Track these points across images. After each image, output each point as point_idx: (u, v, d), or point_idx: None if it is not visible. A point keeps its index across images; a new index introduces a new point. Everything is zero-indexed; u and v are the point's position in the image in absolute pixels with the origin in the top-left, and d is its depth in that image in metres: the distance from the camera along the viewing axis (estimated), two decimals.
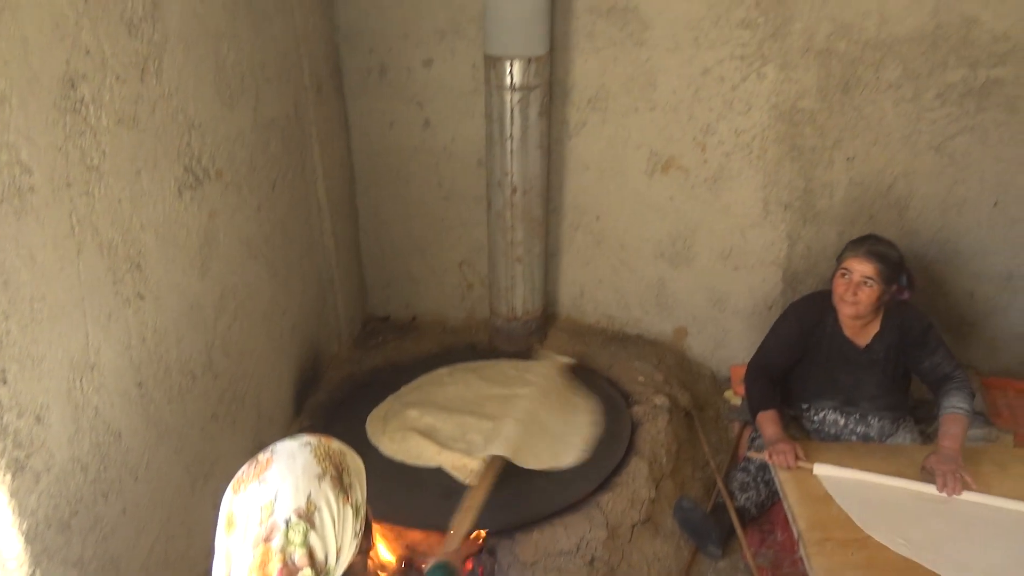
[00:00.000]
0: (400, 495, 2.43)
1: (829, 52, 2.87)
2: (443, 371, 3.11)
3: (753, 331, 3.38)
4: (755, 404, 2.68)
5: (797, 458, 2.45)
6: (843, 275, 2.56)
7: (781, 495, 2.46)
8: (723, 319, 3.40)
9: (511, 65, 2.76)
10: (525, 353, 3.25)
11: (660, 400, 2.95)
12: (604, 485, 2.51)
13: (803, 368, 2.78)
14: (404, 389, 3.00)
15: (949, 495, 2.33)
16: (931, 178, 3.03)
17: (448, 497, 2.26)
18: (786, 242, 3.20)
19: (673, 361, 3.36)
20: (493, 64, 2.80)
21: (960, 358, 3.25)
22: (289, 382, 2.82)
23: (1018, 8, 2.71)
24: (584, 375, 3.09)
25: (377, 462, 2.55)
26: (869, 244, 2.54)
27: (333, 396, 2.99)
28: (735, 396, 3.31)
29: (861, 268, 2.52)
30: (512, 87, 2.79)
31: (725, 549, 2.58)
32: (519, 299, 3.20)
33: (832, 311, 2.67)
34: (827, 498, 2.38)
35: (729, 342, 3.44)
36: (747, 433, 3.01)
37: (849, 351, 2.68)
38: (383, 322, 3.61)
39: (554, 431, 2.69)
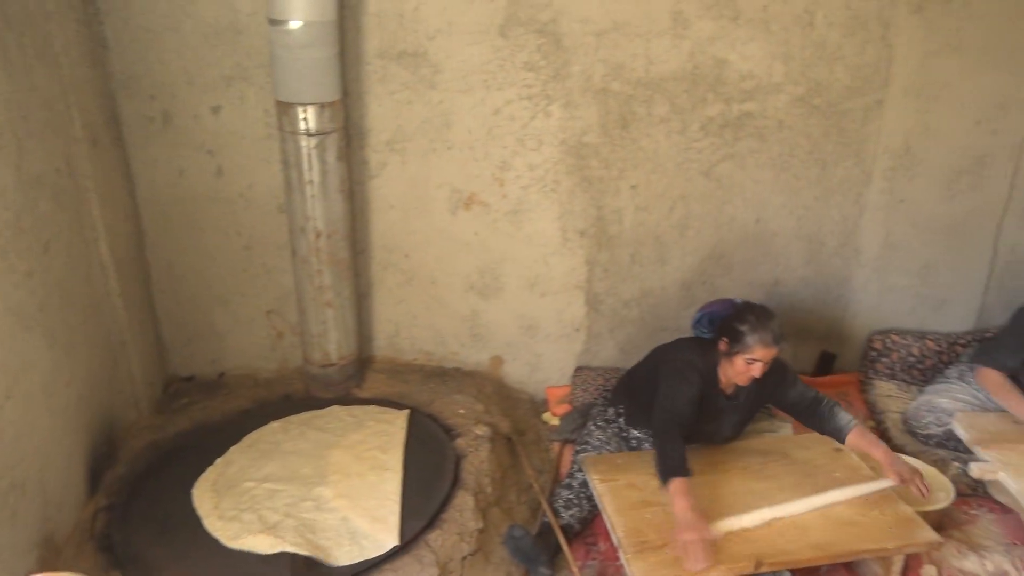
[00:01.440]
0: None
1: (606, 91, 3.11)
2: (275, 425, 2.97)
3: (564, 353, 3.56)
4: (672, 465, 2.46)
5: (712, 547, 2.29)
6: (750, 363, 2.60)
7: (600, 507, 2.60)
8: (535, 344, 3.54)
9: (304, 111, 2.73)
10: (345, 399, 3.20)
11: (481, 430, 3.01)
12: (432, 523, 2.51)
13: None
14: (233, 451, 2.81)
15: (926, 495, 2.54)
16: (704, 200, 3.36)
17: None
18: (585, 267, 3.40)
19: (492, 390, 3.44)
20: (285, 110, 2.76)
21: None
22: (80, 459, 2.57)
23: (757, 51, 3.10)
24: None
25: (210, 545, 2.37)
26: (773, 330, 2.58)
27: (134, 468, 2.76)
28: (553, 417, 3.45)
29: (769, 354, 2.60)
30: (307, 132, 2.76)
31: (554, 567, 2.66)
32: (332, 344, 3.14)
33: (714, 371, 2.73)
34: (642, 504, 2.55)
35: (543, 366, 3.58)
36: (568, 452, 3.15)
37: (720, 400, 2.78)
38: (187, 382, 3.39)
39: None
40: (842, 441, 2.71)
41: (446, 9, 2.93)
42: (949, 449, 3.11)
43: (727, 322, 2.66)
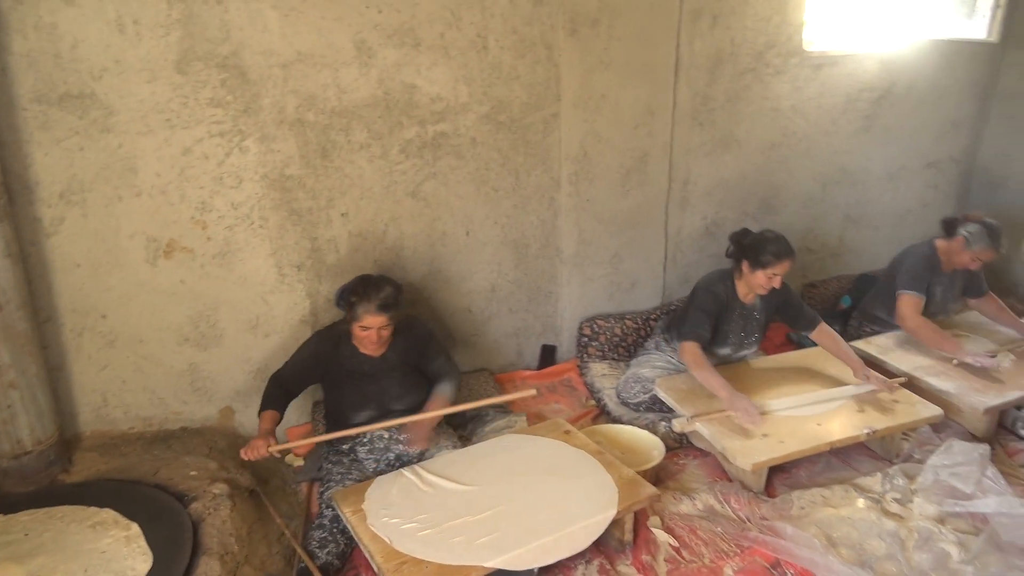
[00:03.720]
0: None
1: (301, 122, 3.09)
2: None
3: None
4: (263, 402, 2.96)
5: (268, 446, 2.77)
6: (364, 329, 2.87)
7: (356, 538, 2.58)
8: None
9: None
10: (52, 488, 2.80)
11: (219, 488, 2.82)
12: None
13: (335, 392, 3.05)
14: None
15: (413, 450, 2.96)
16: (414, 220, 3.48)
17: None
18: (308, 300, 3.35)
19: (226, 443, 3.24)
20: None
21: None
22: None
23: (442, 75, 3.29)
24: (127, 491, 2.79)
25: None
26: (378, 298, 2.83)
27: None
28: (297, 458, 3.34)
29: (377, 321, 2.85)
30: None
31: None
32: (24, 429, 2.74)
33: (347, 336, 2.98)
34: None
35: None
36: (316, 490, 3.08)
37: (367, 364, 3.01)
38: None
39: None
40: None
41: (109, 46, 2.71)
42: (656, 411, 3.55)
43: (345, 295, 2.92)
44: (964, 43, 4.70)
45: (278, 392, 3.01)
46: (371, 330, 2.87)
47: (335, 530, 2.75)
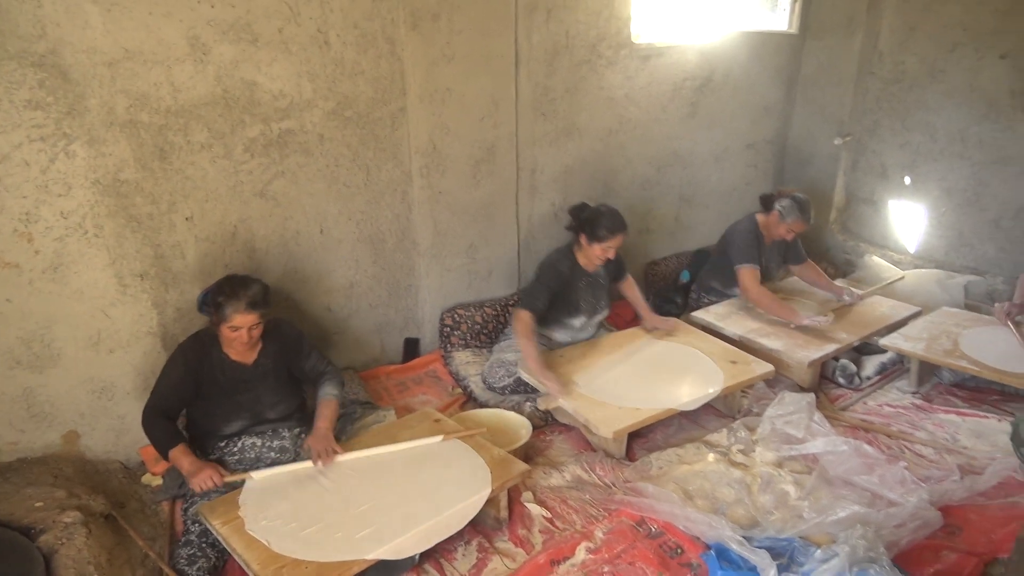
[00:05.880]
0: None
1: (134, 123, 2.93)
2: None
3: None
4: (163, 444, 2.78)
5: (221, 475, 2.72)
6: (234, 330, 2.79)
7: (229, 549, 2.50)
8: (116, 406, 3.19)
9: None
10: None
11: (70, 516, 2.64)
12: None
13: (206, 404, 2.94)
14: None
15: (324, 465, 2.81)
16: (264, 220, 3.39)
17: None
18: (155, 310, 3.18)
19: (72, 470, 3.02)
20: None
21: (337, 362, 3.76)
22: None
23: (283, 71, 3.22)
24: None
25: None
26: (247, 296, 2.76)
27: None
28: (155, 477, 3.17)
29: (247, 320, 2.77)
30: None
31: None
32: None
33: (216, 344, 2.90)
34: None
35: (131, 427, 3.25)
36: (179, 508, 2.94)
37: (240, 371, 2.94)
38: None
39: None
40: (316, 402, 3.07)
41: None
42: (521, 393, 3.68)
43: (209, 297, 2.86)
44: (769, 34, 5.18)
45: (167, 424, 2.82)
46: (241, 330, 2.78)
47: (204, 544, 2.65)
